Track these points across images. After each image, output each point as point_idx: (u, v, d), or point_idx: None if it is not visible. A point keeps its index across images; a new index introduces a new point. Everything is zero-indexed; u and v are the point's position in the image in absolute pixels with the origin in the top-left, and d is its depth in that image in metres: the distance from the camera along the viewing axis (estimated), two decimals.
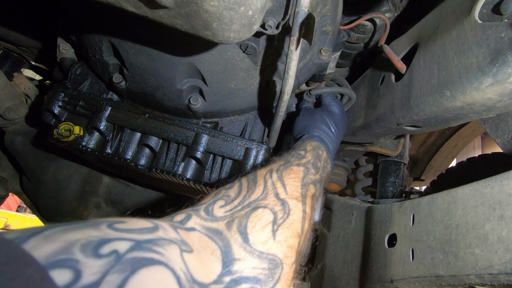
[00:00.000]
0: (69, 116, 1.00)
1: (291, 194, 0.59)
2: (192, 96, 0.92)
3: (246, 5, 0.53)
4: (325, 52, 0.92)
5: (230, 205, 0.54)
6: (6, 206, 5.37)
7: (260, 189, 0.57)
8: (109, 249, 0.31)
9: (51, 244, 0.29)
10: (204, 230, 0.47)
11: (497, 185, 0.63)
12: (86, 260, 0.29)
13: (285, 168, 0.64)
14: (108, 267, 0.29)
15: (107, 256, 0.30)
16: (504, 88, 0.61)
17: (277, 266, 0.48)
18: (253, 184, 0.59)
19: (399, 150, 1.26)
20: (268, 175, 0.61)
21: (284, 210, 0.55)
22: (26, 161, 1.50)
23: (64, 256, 0.28)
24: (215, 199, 0.55)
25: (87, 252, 0.29)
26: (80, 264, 0.28)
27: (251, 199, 0.55)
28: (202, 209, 0.52)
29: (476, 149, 3.83)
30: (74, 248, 0.29)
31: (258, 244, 0.48)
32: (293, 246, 0.52)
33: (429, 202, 0.77)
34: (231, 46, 0.80)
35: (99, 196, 1.59)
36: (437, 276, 0.68)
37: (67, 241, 0.30)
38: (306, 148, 0.74)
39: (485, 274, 0.59)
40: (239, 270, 0.44)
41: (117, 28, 0.82)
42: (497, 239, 0.59)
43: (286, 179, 0.61)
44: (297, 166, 0.66)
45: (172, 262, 0.34)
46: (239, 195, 0.56)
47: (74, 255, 0.28)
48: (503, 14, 0.59)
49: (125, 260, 0.30)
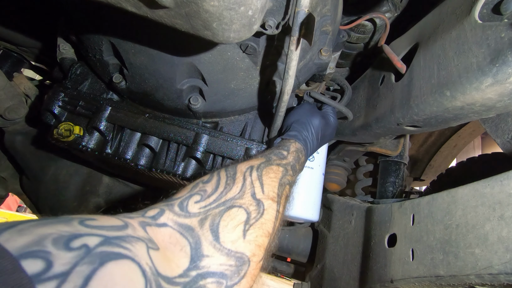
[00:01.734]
0: (69, 116, 1.00)
1: (268, 194, 0.60)
2: (192, 96, 0.92)
3: (246, 5, 0.53)
4: (325, 52, 0.92)
5: (206, 201, 0.54)
6: (6, 206, 5.37)
7: (238, 187, 0.58)
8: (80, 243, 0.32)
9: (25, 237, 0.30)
10: (177, 226, 0.48)
11: (497, 185, 0.63)
12: (58, 252, 0.30)
13: (265, 166, 0.65)
14: (78, 259, 0.31)
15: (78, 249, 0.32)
16: (504, 88, 0.61)
17: (244, 263, 0.50)
18: (232, 180, 0.59)
19: (399, 150, 1.26)
20: (248, 172, 0.62)
21: (258, 210, 0.56)
22: (26, 161, 1.50)
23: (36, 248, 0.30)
24: (191, 193, 0.55)
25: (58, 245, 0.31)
26: (52, 255, 0.30)
27: (227, 197, 0.56)
28: (176, 204, 0.52)
29: (476, 149, 3.84)
30: (46, 241, 0.31)
31: (228, 242, 0.50)
32: (262, 244, 0.54)
33: (429, 202, 0.77)
34: (231, 46, 0.80)
35: (99, 196, 1.59)
36: (437, 276, 0.68)
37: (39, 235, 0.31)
38: (289, 149, 0.75)
39: (485, 274, 0.59)
40: (206, 265, 0.46)
41: (117, 28, 0.82)
42: (497, 239, 0.59)
43: (265, 179, 0.62)
44: (277, 166, 0.67)
45: (138, 257, 0.36)
46: (215, 191, 0.56)
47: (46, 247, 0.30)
48: (503, 14, 0.59)
49: (94, 253, 0.32)
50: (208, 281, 0.45)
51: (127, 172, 1.31)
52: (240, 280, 0.48)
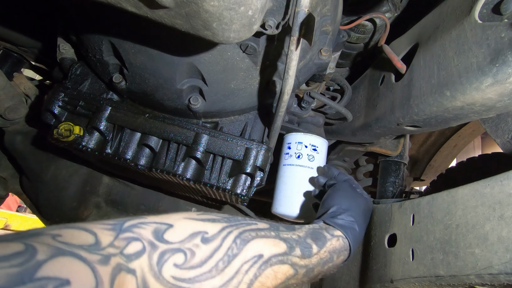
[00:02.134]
0: (69, 116, 1.00)
1: None
2: (192, 96, 0.92)
3: (246, 5, 0.53)
4: (325, 52, 0.92)
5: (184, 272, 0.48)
6: (6, 206, 5.37)
7: (223, 280, 0.50)
8: None
9: None
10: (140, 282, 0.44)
11: (497, 185, 0.63)
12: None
13: (276, 263, 0.57)
14: None
15: None
16: (504, 88, 0.61)
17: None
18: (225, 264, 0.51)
19: (399, 150, 1.26)
20: (246, 266, 0.53)
21: None
22: (26, 161, 1.50)
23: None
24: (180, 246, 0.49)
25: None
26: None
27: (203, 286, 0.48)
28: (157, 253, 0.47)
29: (476, 149, 3.83)
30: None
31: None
32: None
33: (429, 202, 0.77)
34: (231, 46, 0.80)
35: (99, 196, 1.59)
36: (437, 276, 0.68)
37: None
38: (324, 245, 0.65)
39: (485, 274, 0.59)
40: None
41: (117, 28, 0.82)
42: (497, 239, 0.59)
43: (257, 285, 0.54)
44: (289, 267, 0.59)
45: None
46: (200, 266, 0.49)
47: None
48: (503, 14, 0.59)
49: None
50: None
51: (127, 172, 1.31)
52: None
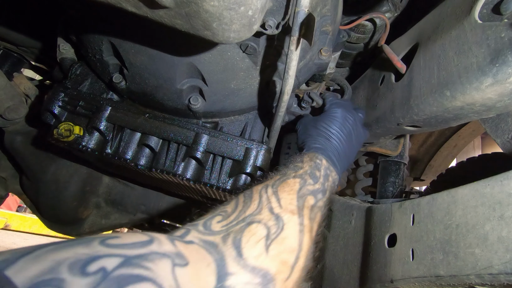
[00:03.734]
0: (69, 116, 1.00)
1: (286, 207, 0.59)
2: (192, 96, 0.92)
3: (246, 5, 0.53)
4: (325, 52, 0.92)
5: (227, 220, 0.55)
6: (6, 206, 5.37)
7: (255, 204, 0.58)
8: (97, 267, 0.31)
9: (39, 264, 0.29)
10: (202, 243, 0.48)
11: (497, 185, 0.63)
12: (72, 279, 0.29)
13: (281, 182, 0.64)
14: (93, 285, 0.29)
15: (94, 274, 0.30)
16: (504, 88, 0.61)
17: (269, 281, 0.48)
18: (249, 199, 0.59)
19: (399, 150, 1.26)
20: (263, 190, 0.61)
21: (278, 225, 0.55)
22: (26, 161, 1.50)
23: (50, 276, 0.28)
24: (213, 215, 0.56)
25: (74, 271, 0.29)
26: (66, 283, 0.28)
27: (246, 214, 0.56)
28: (200, 224, 0.53)
29: (476, 149, 3.83)
30: (62, 267, 0.29)
31: (251, 258, 0.49)
32: (286, 261, 0.52)
33: (429, 202, 0.77)
34: (231, 46, 0.80)
35: (99, 196, 1.59)
36: (437, 276, 0.68)
37: (55, 261, 0.30)
38: (303, 160, 0.72)
39: (485, 274, 0.59)
40: (232, 285, 0.45)
41: (117, 28, 0.82)
42: (497, 239, 0.59)
43: (281, 193, 0.61)
44: (293, 178, 0.65)
45: (161, 278, 0.34)
46: (235, 210, 0.57)
47: (60, 275, 0.29)
48: (503, 14, 0.59)
49: (111, 277, 0.30)
50: None
51: (127, 172, 1.31)
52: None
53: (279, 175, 0.67)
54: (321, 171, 0.71)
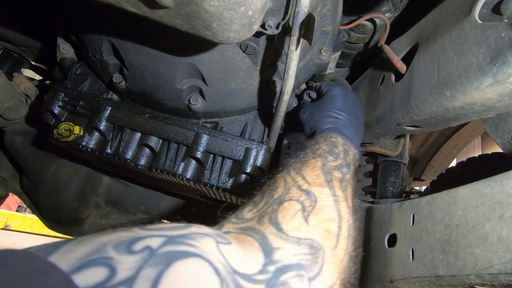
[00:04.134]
0: (69, 116, 1.00)
1: (313, 182, 0.57)
2: (192, 96, 0.92)
3: (246, 5, 0.53)
4: (325, 52, 0.92)
5: (257, 207, 0.54)
6: (6, 206, 5.37)
7: (281, 187, 0.56)
8: (142, 246, 0.31)
9: (85, 247, 0.29)
10: (238, 230, 0.48)
11: (497, 185, 0.63)
12: (120, 257, 0.29)
13: (302, 164, 0.62)
14: (142, 262, 0.29)
15: (140, 252, 0.30)
16: (504, 88, 0.61)
17: (317, 250, 0.47)
18: (274, 185, 0.58)
19: (399, 150, 1.26)
20: (286, 174, 0.60)
21: (310, 198, 0.53)
22: (26, 161, 1.50)
23: (98, 255, 0.29)
24: (242, 208, 0.56)
25: (120, 250, 0.30)
26: (114, 261, 0.28)
27: (274, 197, 0.54)
28: (232, 217, 0.53)
29: (476, 149, 3.83)
30: (107, 247, 0.30)
31: (292, 231, 0.47)
32: (329, 230, 0.50)
33: (429, 202, 0.77)
34: (231, 46, 0.80)
35: (99, 196, 1.59)
36: (437, 276, 0.68)
37: (99, 243, 0.30)
38: (318, 141, 0.70)
39: (485, 274, 0.59)
40: (281, 259, 0.43)
41: (117, 28, 0.82)
42: (497, 239, 0.59)
43: (305, 172, 0.59)
44: (313, 159, 0.63)
45: (207, 253, 0.33)
46: (263, 198, 0.56)
47: (107, 254, 0.29)
48: (503, 14, 0.59)
49: (158, 254, 0.30)
50: (288, 275, 0.41)
51: (127, 172, 1.31)
52: (320, 270, 0.45)
53: (298, 160, 0.65)
54: (339, 147, 0.69)
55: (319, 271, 0.45)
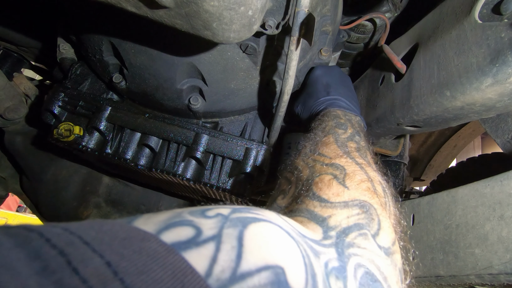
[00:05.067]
0: (69, 116, 1.00)
1: (334, 156, 0.56)
2: (192, 96, 0.92)
3: (246, 5, 0.53)
4: (325, 52, 0.92)
5: (289, 193, 0.53)
6: (6, 206, 5.37)
7: (306, 170, 0.56)
8: (214, 213, 0.32)
9: (163, 215, 0.31)
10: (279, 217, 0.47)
11: (497, 185, 0.63)
12: (199, 220, 0.30)
13: (315, 144, 0.62)
14: (220, 223, 0.31)
15: (215, 217, 0.31)
16: (504, 88, 0.61)
17: (369, 207, 0.46)
18: (297, 170, 0.57)
19: (399, 150, 1.26)
20: (304, 158, 0.59)
21: (338, 169, 0.53)
22: (26, 161, 1.50)
23: (179, 219, 0.30)
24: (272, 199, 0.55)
25: (196, 215, 0.31)
26: (196, 222, 0.30)
27: (303, 179, 0.53)
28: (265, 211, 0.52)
29: (476, 149, 3.83)
30: (184, 213, 0.31)
31: (335, 197, 0.46)
32: (369, 188, 0.50)
33: (429, 202, 0.77)
34: (231, 46, 0.80)
35: (99, 196, 1.59)
36: (437, 276, 0.68)
37: (174, 211, 0.32)
38: (323, 120, 0.70)
39: (485, 274, 0.59)
40: (337, 224, 0.43)
41: (117, 28, 0.82)
42: (497, 239, 0.59)
43: (321, 150, 0.59)
44: (325, 137, 0.63)
45: (274, 220, 0.35)
46: (291, 183, 0.55)
47: (186, 218, 0.31)
48: (503, 14, 0.59)
49: (232, 218, 0.32)
50: (351, 236, 0.41)
51: (127, 172, 1.31)
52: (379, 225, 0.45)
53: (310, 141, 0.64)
54: (342, 118, 0.69)
55: (379, 226, 0.44)
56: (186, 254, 0.26)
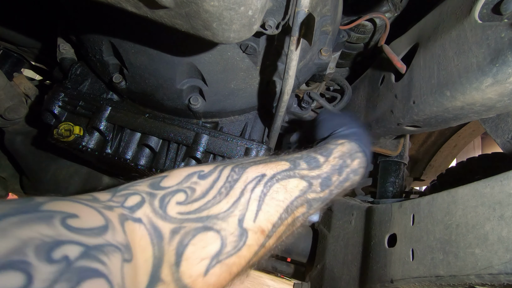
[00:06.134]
0: (69, 116, 1.00)
1: (259, 223, 0.50)
2: (192, 96, 0.92)
3: (246, 5, 0.53)
4: (325, 52, 0.92)
5: (187, 206, 0.48)
6: None
7: (228, 203, 0.49)
8: (61, 254, 0.31)
9: (6, 241, 0.29)
10: (150, 227, 0.44)
11: (497, 185, 0.63)
12: (39, 264, 0.29)
13: (281, 179, 0.54)
14: (57, 274, 0.30)
15: (58, 262, 0.31)
16: (504, 88, 0.61)
17: None
18: (227, 189, 0.51)
19: (399, 150, 1.26)
20: (250, 186, 0.52)
21: (237, 244, 0.48)
22: (26, 161, 1.50)
23: (18, 257, 0.29)
24: (179, 187, 0.49)
25: (40, 256, 0.30)
26: (33, 268, 0.29)
27: (210, 212, 0.48)
28: (158, 198, 0.47)
29: (476, 149, 3.83)
30: (28, 249, 0.30)
31: (187, 277, 0.45)
32: (221, 285, 0.48)
33: (429, 202, 0.77)
34: (231, 46, 0.80)
35: None
36: (437, 276, 0.68)
37: (21, 240, 0.30)
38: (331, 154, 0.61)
39: (485, 274, 0.59)
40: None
41: (117, 28, 0.82)
42: (497, 239, 0.59)
43: (268, 201, 0.52)
44: (299, 180, 0.55)
45: (112, 275, 0.35)
46: (203, 197, 0.49)
47: (27, 257, 0.29)
48: (503, 14, 0.59)
49: (73, 268, 0.31)
50: None
51: (127, 172, 1.31)
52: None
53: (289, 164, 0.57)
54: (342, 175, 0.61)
55: None
56: None
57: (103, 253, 0.35)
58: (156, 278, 0.42)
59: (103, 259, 0.35)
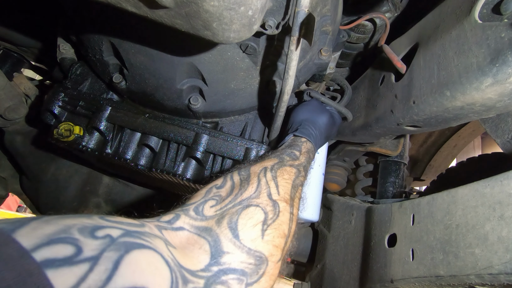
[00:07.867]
0: (69, 116, 1.00)
1: (283, 196, 0.60)
2: (192, 96, 0.92)
3: (246, 5, 0.53)
4: (325, 52, 0.92)
5: (221, 204, 0.55)
6: (6, 206, 5.37)
7: (253, 187, 0.59)
8: (104, 233, 0.34)
9: (52, 226, 0.32)
10: (193, 229, 0.49)
11: (497, 185, 0.63)
12: (85, 239, 0.32)
13: (279, 167, 0.66)
14: (104, 246, 0.32)
15: (102, 238, 0.33)
16: (504, 88, 0.61)
17: (262, 262, 0.51)
18: (246, 182, 0.60)
19: (399, 150, 1.26)
20: (262, 174, 0.62)
21: (275, 211, 0.57)
22: (26, 161, 1.50)
23: (65, 235, 0.31)
24: (205, 198, 0.56)
25: (84, 234, 0.33)
26: (80, 242, 0.32)
27: (243, 197, 0.56)
28: (191, 209, 0.53)
29: (476, 149, 3.83)
30: (73, 230, 0.33)
31: (248, 241, 0.50)
32: (279, 245, 0.55)
33: (429, 202, 0.77)
34: (231, 46, 0.80)
35: (99, 196, 1.59)
36: (437, 276, 0.68)
37: (65, 225, 0.33)
38: (301, 150, 0.75)
39: (485, 274, 0.59)
40: (227, 262, 0.47)
41: (117, 28, 0.82)
42: (497, 239, 0.59)
43: (280, 180, 0.63)
44: (290, 167, 0.68)
45: (159, 249, 0.38)
46: (230, 194, 0.57)
47: (73, 235, 0.32)
48: (503, 14, 0.59)
49: (118, 242, 0.34)
50: (230, 277, 0.46)
51: (127, 172, 1.31)
52: (259, 278, 0.49)
53: (277, 159, 0.69)
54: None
55: (258, 279, 0.49)
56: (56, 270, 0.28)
57: (144, 236, 0.38)
58: (219, 252, 0.47)
59: (146, 238, 0.38)
